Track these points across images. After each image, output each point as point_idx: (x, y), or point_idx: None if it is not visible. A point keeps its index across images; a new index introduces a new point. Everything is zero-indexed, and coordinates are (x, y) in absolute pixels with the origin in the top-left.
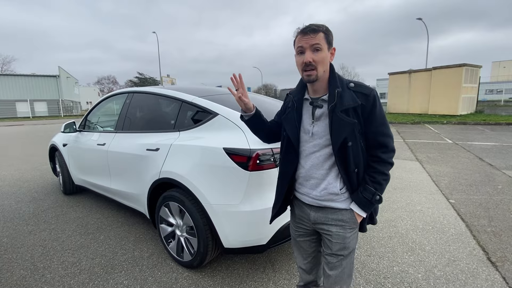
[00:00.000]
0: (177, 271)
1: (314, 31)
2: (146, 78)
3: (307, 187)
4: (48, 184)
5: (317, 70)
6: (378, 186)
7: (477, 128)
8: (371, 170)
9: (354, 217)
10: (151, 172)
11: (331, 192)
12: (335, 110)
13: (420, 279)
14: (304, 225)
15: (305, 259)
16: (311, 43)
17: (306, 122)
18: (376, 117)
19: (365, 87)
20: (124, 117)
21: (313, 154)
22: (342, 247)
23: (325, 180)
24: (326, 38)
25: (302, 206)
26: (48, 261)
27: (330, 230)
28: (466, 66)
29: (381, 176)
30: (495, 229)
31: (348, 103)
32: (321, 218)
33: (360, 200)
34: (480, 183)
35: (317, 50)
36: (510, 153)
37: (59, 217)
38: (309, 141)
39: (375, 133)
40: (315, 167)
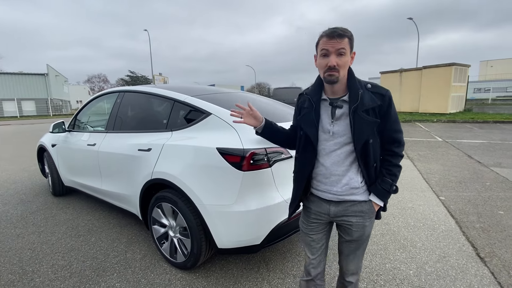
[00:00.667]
0: (171, 273)
1: (340, 36)
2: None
3: (327, 185)
4: (36, 185)
5: (339, 73)
6: (394, 177)
7: (465, 126)
8: (387, 163)
9: (372, 207)
10: (143, 173)
11: (352, 187)
12: (357, 110)
13: (412, 276)
14: (321, 220)
15: (315, 253)
16: (336, 47)
17: (325, 121)
18: (391, 116)
19: (382, 88)
20: (115, 116)
21: (333, 152)
22: (361, 234)
23: (346, 176)
24: (350, 44)
25: (321, 202)
26: (37, 265)
27: (350, 221)
28: (455, 66)
29: (396, 168)
30: (484, 225)
31: (368, 103)
32: (341, 211)
33: (379, 191)
34: (469, 180)
35: (341, 55)
36: (497, 150)
37: (49, 219)
38: (329, 140)
39: (390, 130)
40: (336, 164)
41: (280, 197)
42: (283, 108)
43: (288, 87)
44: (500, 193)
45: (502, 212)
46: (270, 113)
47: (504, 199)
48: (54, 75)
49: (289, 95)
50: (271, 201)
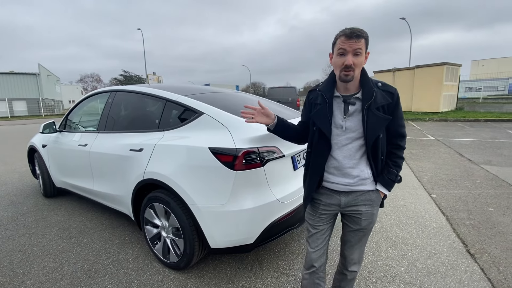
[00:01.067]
0: (164, 273)
1: (358, 37)
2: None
3: (339, 176)
4: (27, 186)
5: (354, 72)
6: (398, 168)
7: (457, 124)
8: (393, 156)
9: (379, 196)
10: (135, 173)
11: (362, 178)
12: (371, 107)
13: (403, 272)
14: (330, 211)
15: (319, 244)
16: (354, 47)
17: (338, 117)
18: (399, 112)
19: (391, 87)
20: (106, 116)
21: (345, 146)
22: (369, 222)
23: (356, 168)
24: (366, 44)
25: (331, 194)
26: (28, 267)
27: (360, 210)
28: (446, 65)
29: (401, 160)
30: (474, 222)
31: (380, 101)
32: (351, 201)
33: (386, 181)
34: (460, 177)
35: (357, 55)
36: (488, 148)
37: (40, 221)
38: (341, 135)
39: (397, 125)
40: (347, 157)
41: (273, 196)
42: (277, 107)
43: (282, 87)
44: (490, 190)
45: (492, 209)
46: None
47: (494, 196)
48: (45, 74)
49: (284, 95)
50: (264, 200)
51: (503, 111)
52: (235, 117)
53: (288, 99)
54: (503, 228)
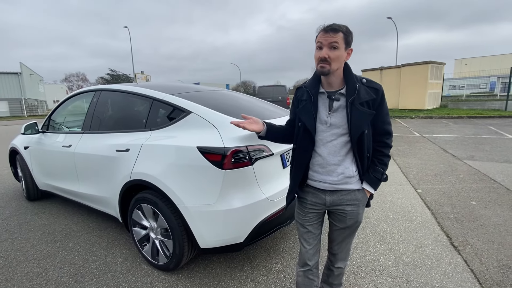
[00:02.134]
0: (153, 275)
1: (334, 31)
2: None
3: (323, 174)
4: (9, 190)
5: (330, 65)
6: (384, 166)
7: (441, 121)
8: (379, 153)
9: (365, 195)
10: (121, 174)
11: (347, 176)
12: (354, 102)
13: (390, 266)
14: (317, 210)
15: (312, 243)
16: (329, 40)
17: (323, 113)
18: (384, 109)
19: (375, 83)
20: (91, 116)
21: (330, 143)
22: (355, 221)
23: (341, 165)
24: (345, 39)
25: (316, 193)
26: (11, 273)
27: (345, 209)
28: (431, 63)
29: (387, 158)
30: (457, 216)
31: (364, 96)
32: (336, 200)
33: (371, 179)
34: (444, 173)
35: (334, 48)
36: (470, 144)
37: (23, 225)
38: (326, 131)
39: (382, 122)
40: (332, 154)
41: (262, 195)
42: (266, 106)
43: (272, 85)
44: (472, 184)
45: (474, 202)
46: (253, 111)
47: (476, 190)
48: (28, 73)
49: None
50: (253, 198)
51: (485, 108)
52: (224, 116)
53: (278, 98)
54: (485, 221)
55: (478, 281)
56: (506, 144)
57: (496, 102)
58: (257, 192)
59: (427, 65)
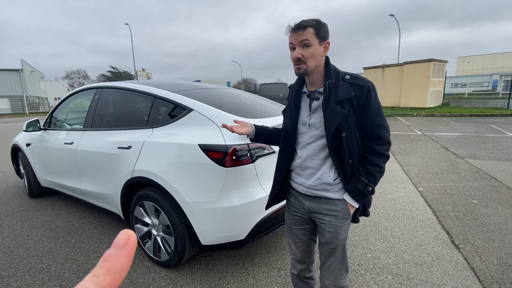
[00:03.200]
0: (155, 271)
1: (302, 27)
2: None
3: (302, 177)
4: (11, 187)
5: (306, 64)
6: (371, 177)
7: (443, 119)
8: (366, 161)
9: (347, 208)
10: (123, 171)
11: (325, 182)
12: (329, 101)
13: (391, 264)
14: (299, 213)
15: (298, 247)
16: (299, 39)
17: (304, 114)
18: (371, 109)
19: (361, 79)
20: (93, 114)
21: (309, 145)
22: (333, 236)
23: (320, 170)
24: (316, 33)
25: (297, 196)
26: (14, 269)
27: (323, 219)
28: (433, 61)
29: (375, 167)
30: (458, 214)
31: (342, 94)
32: (315, 207)
33: (352, 190)
34: (446, 171)
35: (306, 46)
36: (472, 142)
37: (25, 221)
38: (306, 132)
39: (370, 124)
40: (310, 157)
41: (264, 192)
42: (267, 103)
43: (274, 83)
44: (474, 183)
45: (475, 201)
46: (254, 109)
47: (478, 189)
48: (29, 70)
49: (275, 91)
50: (255, 196)
51: (487, 106)
52: (225, 114)
53: (279, 95)
54: (485, 219)
55: (478, 279)
56: (508, 142)
57: (498, 100)
58: (259, 189)
59: (429, 63)
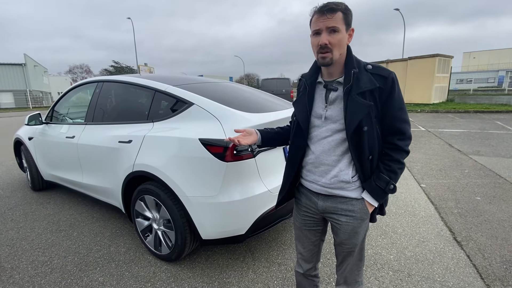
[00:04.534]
0: (155, 265)
1: (332, 11)
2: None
3: (316, 174)
4: (15, 180)
5: (332, 53)
6: (393, 174)
7: (448, 116)
8: (387, 157)
9: (365, 207)
10: (124, 165)
11: (342, 180)
12: (351, 92)
13: (392, 260)
14: (310, 214)
15: (307, 247)
16: (327, 25)
17: (319, 106)
18: (394, 101)
19: (384, 69)
20: (94, 107)
21: (325, 139)
22: (350, 237)
23: (336, 166)
24: (344, 19)
25: (309, 195)
26: (16, 261)
27: (339, 220)
28: (439, 57)
29: (397, 164)
30: (461, 211)
31: (365, 85)
32: (330, 207)
33: (373, 188)
34: (449, 168)
35: (334, 32)
36: (476, 139)
37: (28, 214)
38: (322, 126)
39: (392, 118)
40: (326, 152)
41: (264, 187)
42: (269, 97)
43: (276, 78)
44: (477, 180)
45: (479, 198)
46: (257, 103)
47: (481, 186)
48: (32, 65)
49: (278, 86)
50: (255, 191)
51: (492, 102)
52: (226, 108)
53: (282, 91)
54: (489, 216)
55: (481, 276)
56: None
57: (504, 96)
58: (259, 184)
59: (434, 58)
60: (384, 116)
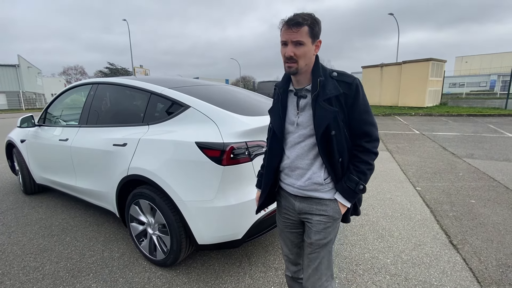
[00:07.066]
0: (150, 270)
1: (297, 25)
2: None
3: (292, 178)
4: (6, 183)
5: (298, 63)
6: (361, 175)
7: (441, 119)
8: (355, 159)
9: (337, 208)
10: (119, 169)
11: (315, 182)
12: (318, 99)
13: (389, 264)
14: (290, 216)
15: (291, 249)
16: (292, 38)
17: (291, 113)
18: (359, 106)
19: (348, 76)
20: (88, 110)
21: (298, 145)
22: (321, 236)
23: (309, 170)
24: (310, 32)
25: (287, 197)
26: (7, 267)
27: (312, 219)
28: (432, 61)
29: (365, 165)
30: (456, 214)
31: (330, 92)
32: (305, 208)
33: (344, 189)
34: (444, 171)
35: (299, 45)
36: (470, 142)
37: (20, 219)
38: (295, 132)
39: (358, 121)
40: (300, 157)
41: None
42: (264, 100)
43: (272, 81)
44: (471, 183)
45: (473, 201)
46: (252, 106)
47: (476, 189)
48: (26, 66)
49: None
50: (252, 195)
51: (484, 106)
52: (223, 111)
53: None
54: (484, 219)
55: (477, 279)
56: (506, 142)
57: (496, 100)
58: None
59: (428, 62)
60: (351, 120)
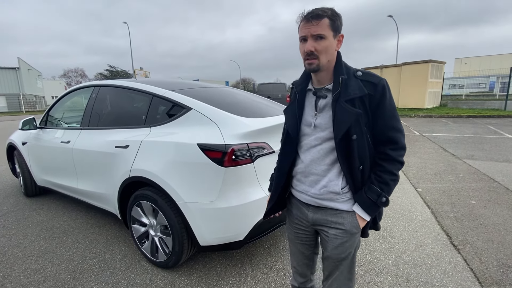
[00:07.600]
0: (152, 272)
1: (317, 17)
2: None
3: (305, 184)
4: (7, 186)
5: (319, 59)
6: (385, 186)
7: (441, 120)
8: (378, 168)
9: (355, 221)
10: (121, 171)
11: (331, 191)
12: (339, 99)
13: (390, 265)
14: (302, 227)
15: (301, 261)
16: (313, 32)
17: (308, 114)
18: (386, 109)
19: (374, 76)
20: (90, 112)
21: (314, 148)
22: (338, 251)
23: (325, 176)
24: (331, 25)
25: (300, 206)
26: (8, 270)
27: (328, 232)
28: (432, 62)
29: (389, 175)
30: (457, 215)
31: (354, 92)
32: (320, 220)
33: (364, 201)
34: (444, 172)
35: (320, 38)
36: (470, 143)
37: (21, 221)
38: (311, 134)
39: (384, 126)
40: (315, 161)
41: (263, 193)
42: (266, 102)
43: (272, 83)
44: (472, 183)
45: (474, 201)
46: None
47: (476, 190)
48: (26, 69)
49: (274, 91)
50: (254, 196)
51: (484, 107)
52: (224, 113)
53: (278, 95)
54: (484, 220)
55: (478, 280)
56: (506, 143)
57: (495, 101)
58: (258, 190)
59: (427, 64)
60: (375, 125)
